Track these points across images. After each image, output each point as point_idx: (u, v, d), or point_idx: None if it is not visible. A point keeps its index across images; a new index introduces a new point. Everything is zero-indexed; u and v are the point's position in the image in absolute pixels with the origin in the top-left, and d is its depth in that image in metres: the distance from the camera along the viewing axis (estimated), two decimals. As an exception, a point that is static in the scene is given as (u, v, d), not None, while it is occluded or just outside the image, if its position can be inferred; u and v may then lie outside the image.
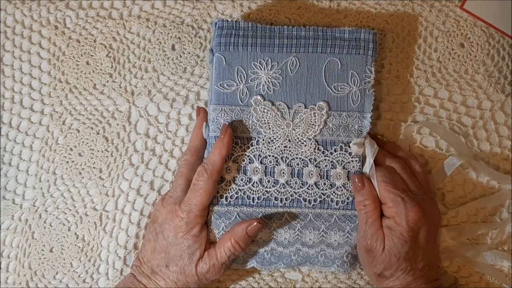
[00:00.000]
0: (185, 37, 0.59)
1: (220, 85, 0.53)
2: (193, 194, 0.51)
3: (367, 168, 0.53)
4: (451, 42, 0.59)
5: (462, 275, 0.57)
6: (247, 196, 0.53)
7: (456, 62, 0.58)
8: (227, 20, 0.53)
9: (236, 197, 0.53)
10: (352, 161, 0.53)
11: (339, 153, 0.53)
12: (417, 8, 0.59)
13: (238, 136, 0.53)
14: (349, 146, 0.53)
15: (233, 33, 0.53)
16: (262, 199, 0.53)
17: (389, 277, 0.50)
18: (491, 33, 0.58)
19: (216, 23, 0.54)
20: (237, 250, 0.51)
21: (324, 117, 0.53)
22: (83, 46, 0.60)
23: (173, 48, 0.59)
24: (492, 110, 0.58)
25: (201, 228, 0.51)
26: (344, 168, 0.53)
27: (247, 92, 0.53)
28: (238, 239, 0.51)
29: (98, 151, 0.59)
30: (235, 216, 0.52)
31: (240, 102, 0.53)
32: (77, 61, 0.60)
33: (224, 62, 0.53)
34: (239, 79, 0.53)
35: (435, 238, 0.53)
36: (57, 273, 0.58)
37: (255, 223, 0.51)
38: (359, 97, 0.53)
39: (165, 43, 0.59)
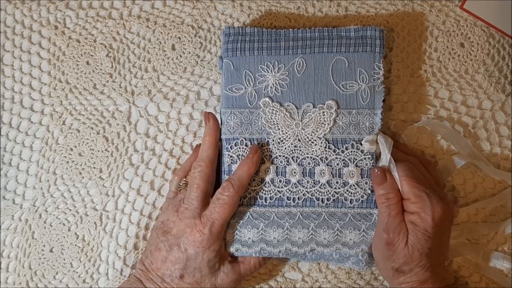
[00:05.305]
0: (185, 37, 0.59)
1: (229, 89, 0.53)
2: (216, 208, 0.50)
3: (383, 163, 0.52)
4: (451, 42, 0.59)
5: (462, 275, 0.57)
6: (259, 196, 0.53)
7: (456, 62, 0.58)
8: (234, 27, 0.54)
9: (249, 197, 0.53)
10: (365, 158, 0.53)
11: (351, 151, 0.53)
12: (417, 8, 0.59)
13: (248, 138, 0.53)
14: (361, 144, 0.53)
15: (240, 39, 0.54)
16: (274, 199, 0.53)
17: (407, 273, 0.50)
18: (491, 33, 0.58)
19: (223, 31, 0.54)
20: (260, 267, 0.55)
21: (334, 116, 0.53)
22: (83, 46, 0.60)
23: (173, 48, 0.59)
24: (492, 109, 0.58)
25: (221, 242, 0.52)
26: (356, 166, 0.53)
27: (255, 94, 0.53)
28: (265, 258, 0.55)
29: (98, 151, 0.59)
30: (248, 216, 0.53)
31: (249, 104, 0.53)
32: (77, 61, 0.60)
33: (232, 67, 0.53)
34: (247, 82, 0.53)
35: (449, 235, 0.53)
36: (57, 273, 0.58)
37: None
38: (369, 94, 0.53)
39: (165, 43, 0.59)
